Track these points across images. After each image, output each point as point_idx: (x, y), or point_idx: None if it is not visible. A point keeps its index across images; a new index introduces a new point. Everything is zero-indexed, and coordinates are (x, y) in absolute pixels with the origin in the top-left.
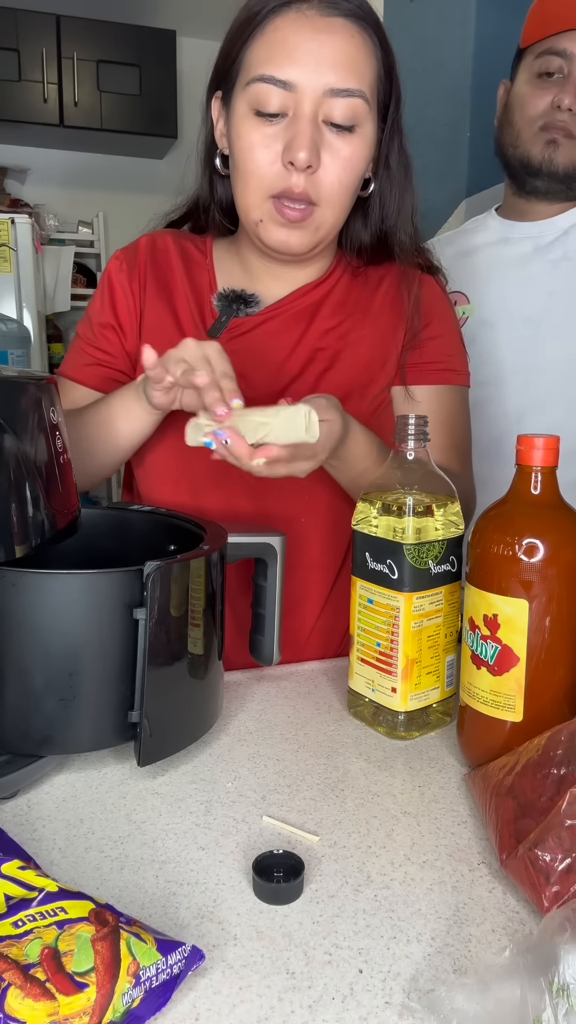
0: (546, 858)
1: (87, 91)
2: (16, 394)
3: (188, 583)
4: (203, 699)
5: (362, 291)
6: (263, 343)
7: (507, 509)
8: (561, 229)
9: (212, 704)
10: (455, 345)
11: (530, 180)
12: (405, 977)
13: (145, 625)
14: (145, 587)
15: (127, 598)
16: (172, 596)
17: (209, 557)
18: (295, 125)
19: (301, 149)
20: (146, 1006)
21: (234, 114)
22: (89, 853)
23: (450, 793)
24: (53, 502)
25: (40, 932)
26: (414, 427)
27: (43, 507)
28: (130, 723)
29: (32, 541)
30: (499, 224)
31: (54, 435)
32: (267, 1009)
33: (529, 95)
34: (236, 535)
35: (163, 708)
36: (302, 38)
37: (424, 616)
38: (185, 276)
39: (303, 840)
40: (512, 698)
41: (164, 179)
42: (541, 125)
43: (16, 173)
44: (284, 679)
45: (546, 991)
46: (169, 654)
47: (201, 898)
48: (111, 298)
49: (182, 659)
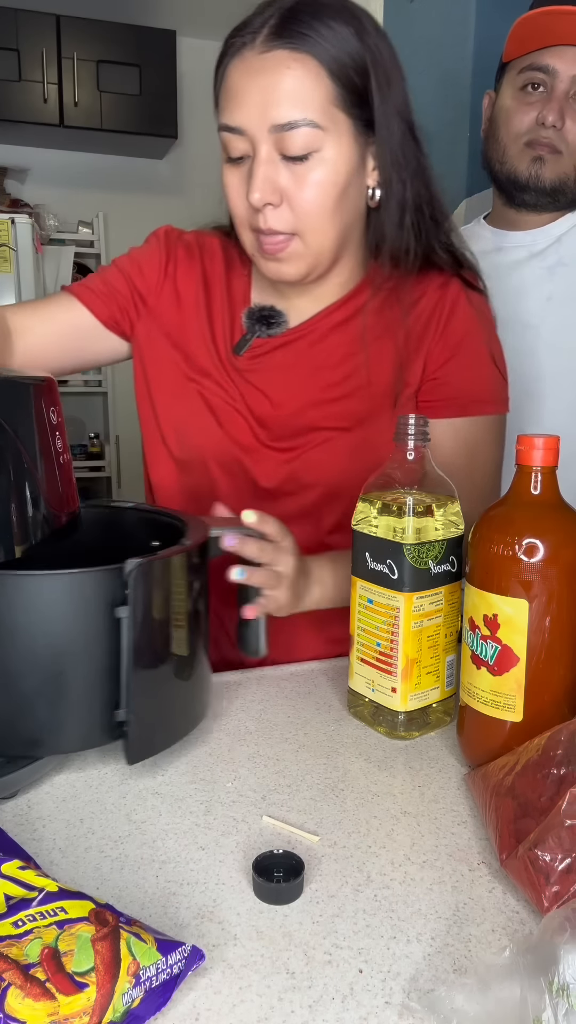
0: (546, 858)
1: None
2: (16, 394)
3: (170, 579)
4: (191, 694)
5: (395, 308)
6: (286, 363)
7: (507, 509)
8: (554, 236)
9: (200, 699)
10: (483, 371)
11: (518, 195)
12: (405, 977)
13: (128, 623)
14: (127, 585)
15: (109, 597)
16: (154, 593)
17: (190, 552)
18: (251, 167)
19: (254, 191)
20: (146, 1006)
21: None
22: (89, 853)
23: (450, 793)
24: (53, 502)
25: (40, 932)
26: (414, 427)
27: (43, 507)
28: (117, 722)
29: (31, 541)
30: (491, 234)
31: (54, 435)
32: (267, 1009)
33: (514, 110)
34: (218, 528)
35: (150, 705)
36: (243, 82)
37: (424, 616)
38: (225, 283)
39: (303, 840)
40: (512, 698)
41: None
42: (526, 141)
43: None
44: (284, 679)
45: (546, 991)
46: (153, 651)
47: (201, 898)
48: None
49: (168, 655)
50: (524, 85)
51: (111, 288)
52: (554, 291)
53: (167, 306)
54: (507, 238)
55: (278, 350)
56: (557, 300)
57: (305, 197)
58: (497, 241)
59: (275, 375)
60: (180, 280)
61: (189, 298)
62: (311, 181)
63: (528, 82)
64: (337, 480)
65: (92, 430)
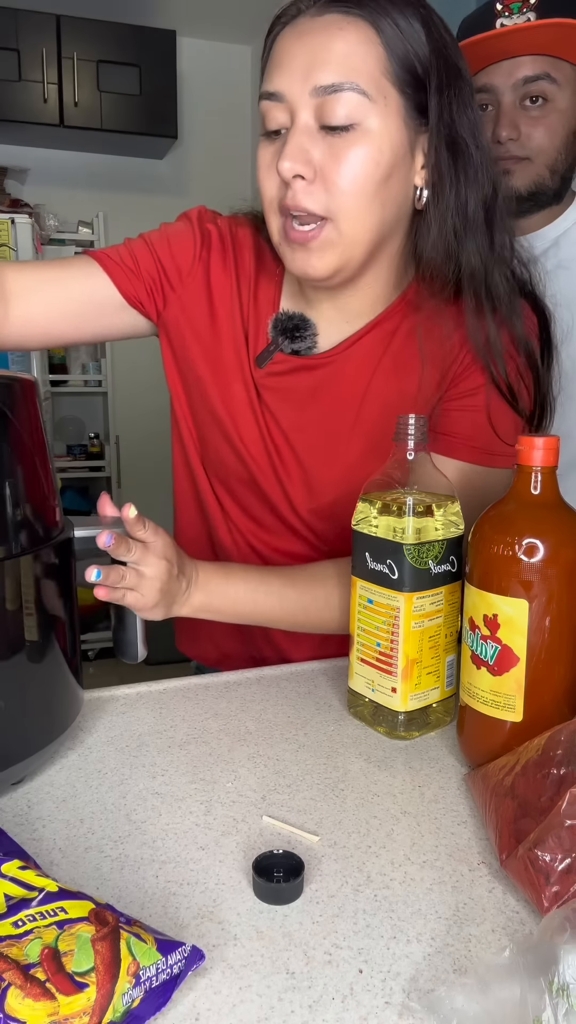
0: (546, 858)
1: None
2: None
3: (19, 580)
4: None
5: (431, 337)
6: (307, 388)
7: (507, 509)
8: (551, 240)
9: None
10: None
11: None
12: (405, 977)
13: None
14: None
15: None
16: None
17: (39, 553)
18: (286, 137)
19: (285, 159)
20: (146, 1006)
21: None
22: (89, 853)
23: (450, 793)
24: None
25: (40, 932)
26: (414, 427)
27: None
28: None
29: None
30: None
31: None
32: (267, 1009)
33: None
34: (83, 528)
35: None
36: (289, 46)
37: (424, 616)
38: (254, 282)
39: (303, 840)
40: (512, 698)
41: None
42: None
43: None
44: (284, 679)
45: (546, 991)
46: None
47: (201, 898)
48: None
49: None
50: None
51: (139, 264)
52: (555, 295)
53: (196, 295)
54: None
55: (302, 373)
56: (558, 304)
57: (342, 173)
58: None
59: (293, 400)
60: (213, 269)
61: (220, 290)
62: (351, 156)
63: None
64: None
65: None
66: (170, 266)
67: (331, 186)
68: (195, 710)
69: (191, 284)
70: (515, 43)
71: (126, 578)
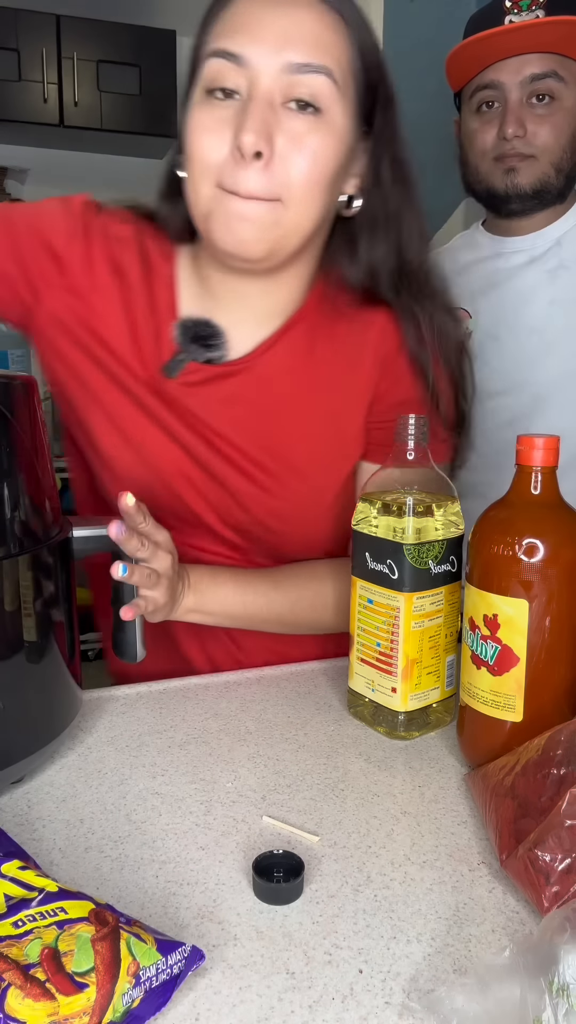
0: (546, 858)
1: (87, 91)
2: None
3: (17, 580)
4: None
5: (345, 340)
6: (231, 397)
7: (507, 509)
8: (553, 239)
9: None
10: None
11: (504, 206)
12: (405, 977)
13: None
14: None
15: None
16: (4, 594)
17: (38, 554)
18: (247, 106)
19: (248, 131)
20: (146, 1006)
21: (190, 105)
22: (89, 853)
23: (450, 793)
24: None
25: (40, 932)
26: (414, 427)
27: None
28: None
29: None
30: (489, 240)
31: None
32: (267, 1009)
33: (477, 131)
34: (82, 528)
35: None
36: (261, 10)
37: (424, 616)
38: (145, 285)
39: (303, 840)
40: (512, 698)
41: None
42: (494, 157)
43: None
44: (284, 679)
45: (546, 991)
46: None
47: (201, 898)
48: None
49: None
50: (479, 106)
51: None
52: (556, 295)
53: (78, 297)
54: (506, 244)
55: (220, 381)
56: (560, 304)
57: (302, 158)
58: (496, 247)
59: (210, 407)
60: (97, 268)
61: (107, 295)
62: (313, 142)
63: (481, 102)
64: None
65: None
66: (40, 267)
67: (289, 169)
68: (195, 710)
69: (71, 284)
70: (523, 40)
71: (151, 577)
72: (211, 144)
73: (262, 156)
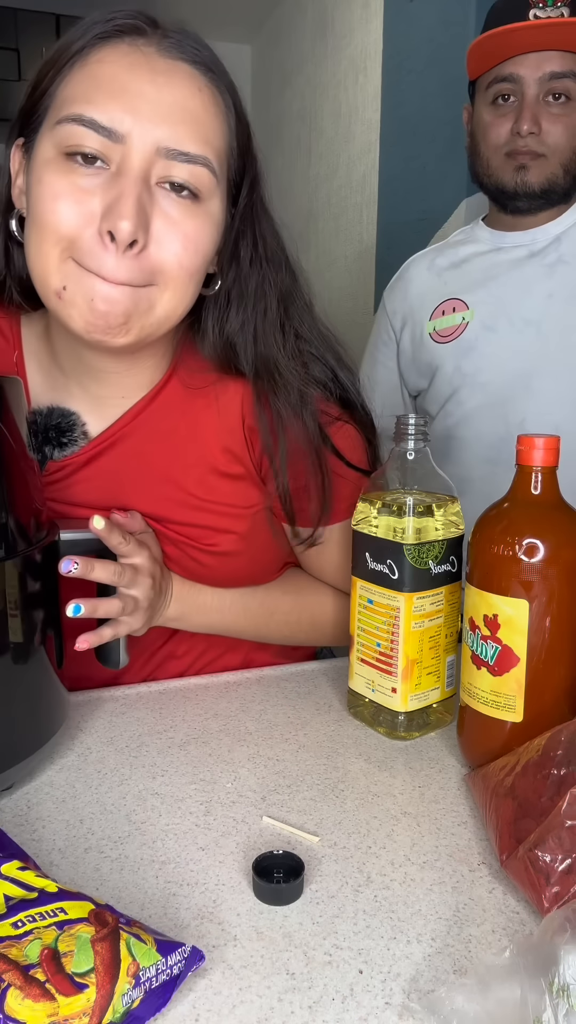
0: (546, 859)
1: None
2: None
3: (3, 583)
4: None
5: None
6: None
7: (507, 509)
8: (553, 235)
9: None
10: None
11: (510, 203)
12: (405, 978)
13: None
14: None
15: None
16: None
17: (27, 556)
18: (118, 183)
19: (124, 218)
20: (146, 1007)
21: (36, 159)
22: (89, 853)
23: (450, 793)
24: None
25: (40, 933)
26: (414, 427)
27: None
28: None
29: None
30: (489, 235)
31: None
32: (267, 1010)
33: (490, 124)
34: (69, 531)
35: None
36: (134, 77)
37: (424, 616)
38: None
39: (303, 840)
40: (512, 698)
41: None
42: (507, 152)
43: None
44: (284, 679)
45: (546, 991)
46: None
47: (201, 898)
48: None
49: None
50: (495, 98)
51: None
52: (554, 289)
53: None
54: (506, 238)
55: (90, 465)
56: (558, 298)
57: (179, 244)
58: (496, 241)
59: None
60: None
61: None
62: (189, 228)
63: (498, 95)
64: None
65: None
66: None
67: (163, 254)
68: (195, 710)
69: None
70: (547, 37)
71: (125, 608)
72: (68, 214)
73: (136, 244)
